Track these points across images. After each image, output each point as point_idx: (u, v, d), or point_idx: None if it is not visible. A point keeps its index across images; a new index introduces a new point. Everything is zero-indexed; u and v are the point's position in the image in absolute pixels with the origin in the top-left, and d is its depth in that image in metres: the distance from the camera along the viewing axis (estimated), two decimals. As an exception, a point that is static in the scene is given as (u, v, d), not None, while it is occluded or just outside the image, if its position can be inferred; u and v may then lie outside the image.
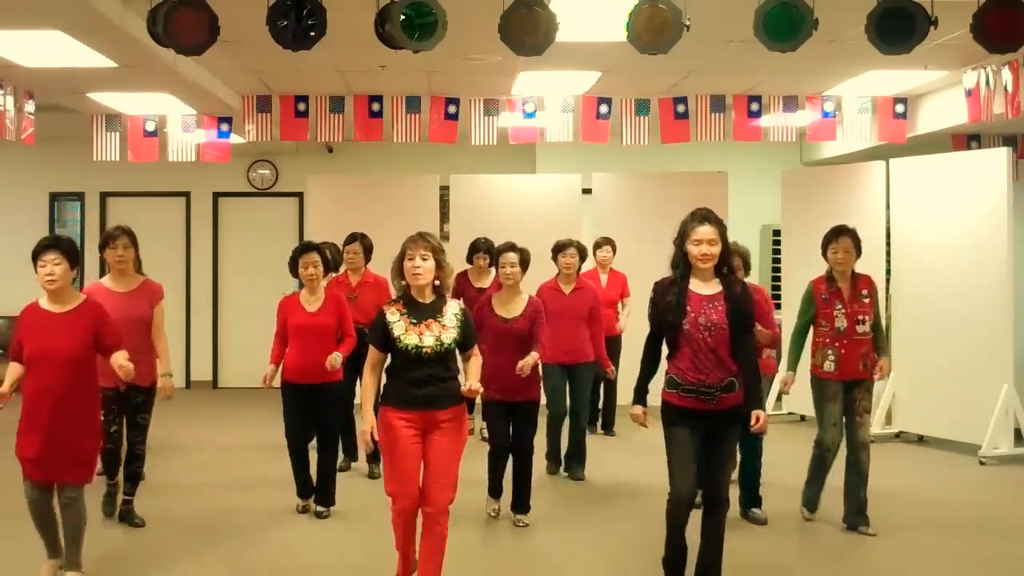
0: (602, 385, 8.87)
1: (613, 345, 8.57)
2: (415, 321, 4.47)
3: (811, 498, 6.21)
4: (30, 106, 7.98)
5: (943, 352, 8.35)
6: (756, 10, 5.02)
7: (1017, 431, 8.06)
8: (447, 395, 4.49)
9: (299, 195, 11.99)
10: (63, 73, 7.26)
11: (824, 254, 6.06)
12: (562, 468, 7.38)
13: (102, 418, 5.14)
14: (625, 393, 9.16)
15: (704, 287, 4.53)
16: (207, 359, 12.16)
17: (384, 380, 4.60)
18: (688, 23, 5.02)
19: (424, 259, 4.48)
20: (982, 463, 7.82)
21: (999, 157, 8.18)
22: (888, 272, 9.11)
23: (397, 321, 4.47)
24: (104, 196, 12.13)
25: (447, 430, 4.48)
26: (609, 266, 8.93)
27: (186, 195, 12.17)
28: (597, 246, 8.93)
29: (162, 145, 9.31)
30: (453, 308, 4.59)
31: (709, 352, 4.43)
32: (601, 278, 8.82)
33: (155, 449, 8.23)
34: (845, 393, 5.93)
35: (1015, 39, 5.10)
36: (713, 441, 4.52)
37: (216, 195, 12.20)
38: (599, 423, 9.05)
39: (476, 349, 4.71)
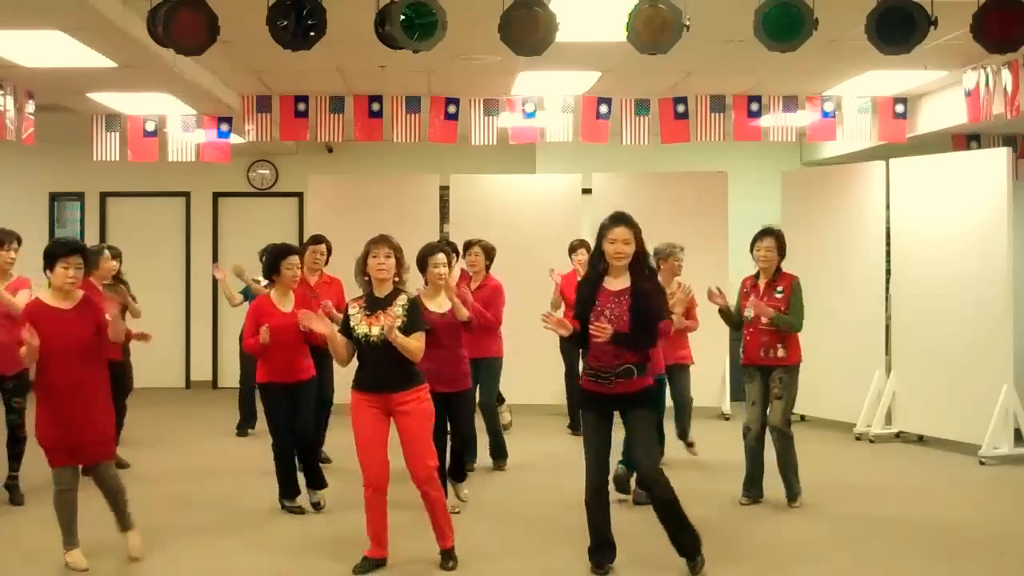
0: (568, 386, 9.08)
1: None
2: (369, 313, 5.03)
3: (745, 482, 6.57)
4: (30, 106, 7.98)
5: (943, 352, 8.35)
6: (756, 10, 5.02)
7: (1017, 431, 8.05)
8: (400, 378, 5.00)
9: (299, 195, 12.00)
10: (63, 73, 7.26)
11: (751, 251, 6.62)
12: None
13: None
14: None
15: (615, 283, 4.99)
16: (207, 359, 12.17)
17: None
18: (688, 23, 5.02)
19: (388, 257, 5.05)
20: (982, 463, 7.82)
21: (999, 157, 8.18)
22: (888, 272, 9.11)
23: (355, 313, 5.07)
24: (104, 196, 12.13)
25: (408, 411, 5.00)
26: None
27: (186, 195, 12.17)
28: (572, 249, 8.88)
29: (162, 145, 9.31)
30: (402, 299, 5.08)
31: (605, 343, 4.84)
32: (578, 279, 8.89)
33: (155, 448, 8.27)
34: (762, 380, 6.46)
35: (1015, 39, 5.10)
36: (624, 422, 4.99)
37: (216, 195, 12.21)
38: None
39: (420, 334, 5.06)
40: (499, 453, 7.58)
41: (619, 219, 4.98)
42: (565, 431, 8.89)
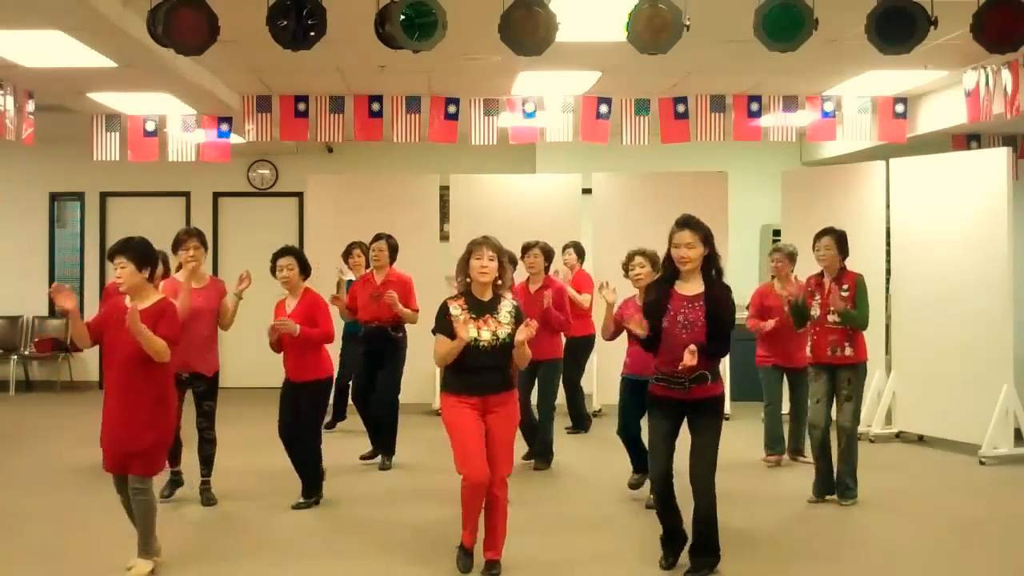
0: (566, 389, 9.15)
1: (586, 345, 8.85)
2: (475, 316, 4.94)
3: (816, 482, 6.53)
4: (30, 106, 7.99)
5: (943, 352, 8.35)
6: (756, 10, 5.02)
7: (1017, 431, 8.05)
8: (500, 382, 4.99)
9: (299, 195, 12.00)
10: (63, 73, 7.26)
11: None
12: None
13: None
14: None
15: (686, 288, 4.92)
16: (207, 359, 12.16)
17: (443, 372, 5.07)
18: (688, 23, 5.02)
19: (491, 259, 5.01)
20: (982, 463, 7.82)
21: (999, 157, 8.18)
22: (888, 272, 9.11)
23: (459, 315, 4.92)
24: (104, 196, 12.13)
25: (501, 413, 4.99)
26: (576, 267, 9.10)
27: (186, 195, 12.17)
28: (562, 249, 9.03)
29: (162, 145, 9.32)
30: (507, 306, 5.05)
31: (684, 347, 4.78)
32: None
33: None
34: (829, 378, 6.43)
35: (1015, 39, 5.10)
36: (692, 430, 4.95)
37: (216, 195, 12.21)
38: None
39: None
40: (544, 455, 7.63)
41: (683, 223, 4.94)
42: (563, 432, 8.91)
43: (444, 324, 4.96)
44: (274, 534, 5.89)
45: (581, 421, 9.20)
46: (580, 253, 9.20)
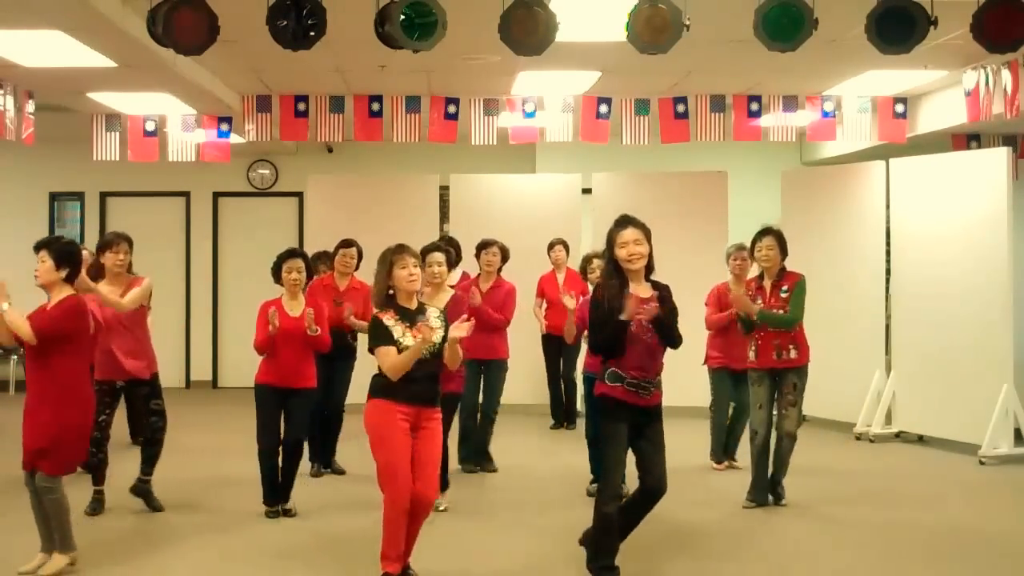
0: (562, 383, 9.32)
1: (573, 345, 8.78)
2: (408, 325, 4.72)
3: (754, 487, 6.44)
4: (30, 106, 7.98)
5: (943, 352, 8.35)
6: (756, 10, 5.02)
7: (1017, 431, 8.05)
8: (434, 395, 4.81)
9: (299, 195, 12.00)
10: (63, 73, 7.26)
11: (750, 253, 6.63)
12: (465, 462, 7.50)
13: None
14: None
15: (639, 289, 4.79)
16: (207, 359, 12.17)
17: (375, 380, 4.79)
18: (688, 23, 5.02)
19: (416, 266, 4.79)
20: (982, 463, 7.82)
21: (999, 157, 8.18)
22: (888, 272, 9.11)
23: (394, 325, 4.72)
24: (104, 196, 12.13)
25: (429, 429, 4.78)
26: (564, 266, 9.14)
27: (186, 195, 12.18)
28: (550, 246, 9.16)
29: (162, 145, 9.32)
30: (434, 311, 4.88)
31: (651, 350, 4.76)
32: (558, 277, 9.06)
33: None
34: (771, 383, 6.39)
35: (1015, 39, 5.11)
36: (647, 435, 4.82)
37: (216, 195, 12.21)
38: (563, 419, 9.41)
39: None
40: (481, 457, 7.51)
41: (626, 222, 4.85)
42: (547, 430, 9.06)
43: (384, 335, 4.68)
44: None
45: (572, 417, 9.34)
46: (567, 249, 9.25)
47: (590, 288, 8.68)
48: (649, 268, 4.85)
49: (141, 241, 6.09)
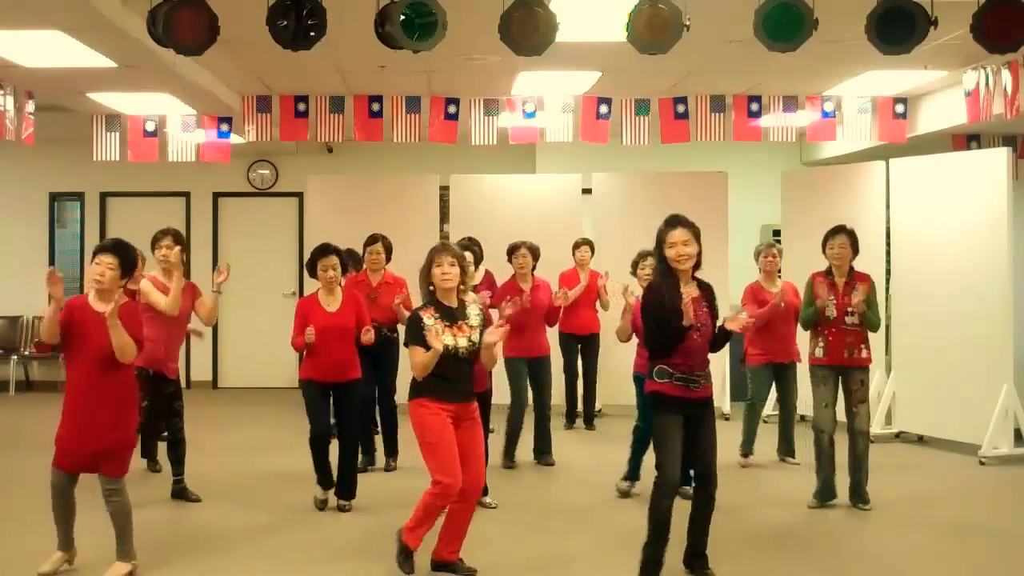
0: (580, 382, 9.25)
1: (592, 343, 9.02)
2: (448, 324, 4.89)
3: (820, 488, 6.41)
4: (30, 106, 7.98)
5: (943, 352, 8.35)
6: (756, 10, 5.02)
7: (1017, 431, 8.05)
8: (471, 389, 5.03)
9: (299, 195, 12.00)
10: (63, 73, 7.26)
11: (823, 250, 6.46)
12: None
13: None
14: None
15: (688, 290, 4.88)
16: (207, 359, 12.15)
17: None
18: (688, 23, 5.03)
19: (452, 266, 4.93)
20: (982, 463, 7.82)
21: (999, 157, 8.18)
22: (888, 272, 9.11)
23: (432, 324, 4.86)
24: (104, 196, 12.13)
25: (472, 424, 4.99)
26: (588, 266, 9.11)
27: (186, 195, 12.18)
28: (576, 246, 9.17)
29: (162, 145, 9.32)
30: (473, 310, 5.03)
31: (696, 346, 4.84)
32: (581, 276, 9.02)
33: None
34: (836, 381, 6.33)
35: (1015, 39, 5.11)
36: (699, 426, 4.90)
37: (216, 195, 12.21)
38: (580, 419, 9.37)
39: None
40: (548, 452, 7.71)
41: (675, 222, 4.90)
42: (561, 428, 9.01)
43: (417, 335, 4.85)
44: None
45: (590, 418, 9.34)
46: (592, 250, 9.24)
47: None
48: (696, 266, 4.93)
49: (141, 242, 6.08)
